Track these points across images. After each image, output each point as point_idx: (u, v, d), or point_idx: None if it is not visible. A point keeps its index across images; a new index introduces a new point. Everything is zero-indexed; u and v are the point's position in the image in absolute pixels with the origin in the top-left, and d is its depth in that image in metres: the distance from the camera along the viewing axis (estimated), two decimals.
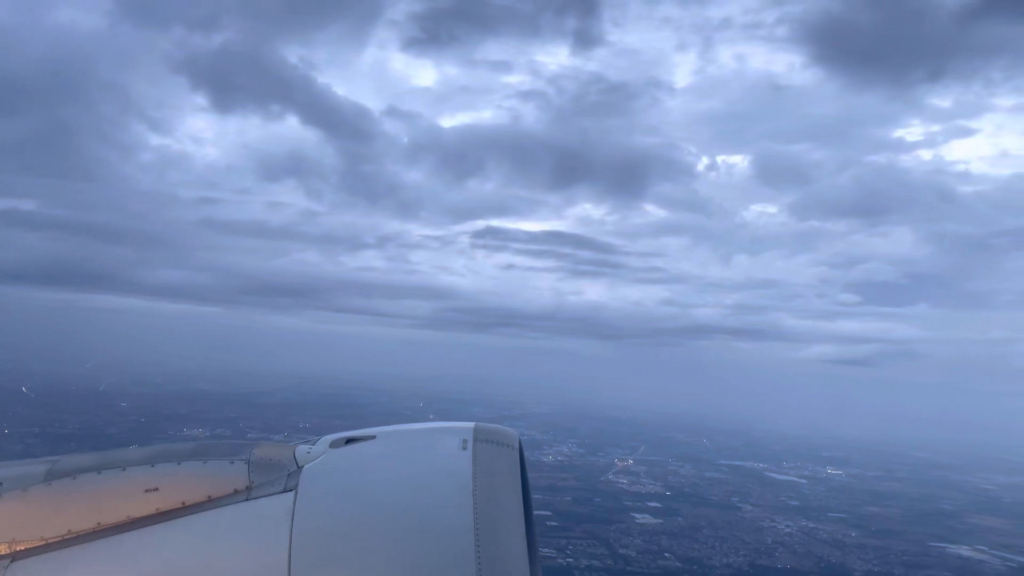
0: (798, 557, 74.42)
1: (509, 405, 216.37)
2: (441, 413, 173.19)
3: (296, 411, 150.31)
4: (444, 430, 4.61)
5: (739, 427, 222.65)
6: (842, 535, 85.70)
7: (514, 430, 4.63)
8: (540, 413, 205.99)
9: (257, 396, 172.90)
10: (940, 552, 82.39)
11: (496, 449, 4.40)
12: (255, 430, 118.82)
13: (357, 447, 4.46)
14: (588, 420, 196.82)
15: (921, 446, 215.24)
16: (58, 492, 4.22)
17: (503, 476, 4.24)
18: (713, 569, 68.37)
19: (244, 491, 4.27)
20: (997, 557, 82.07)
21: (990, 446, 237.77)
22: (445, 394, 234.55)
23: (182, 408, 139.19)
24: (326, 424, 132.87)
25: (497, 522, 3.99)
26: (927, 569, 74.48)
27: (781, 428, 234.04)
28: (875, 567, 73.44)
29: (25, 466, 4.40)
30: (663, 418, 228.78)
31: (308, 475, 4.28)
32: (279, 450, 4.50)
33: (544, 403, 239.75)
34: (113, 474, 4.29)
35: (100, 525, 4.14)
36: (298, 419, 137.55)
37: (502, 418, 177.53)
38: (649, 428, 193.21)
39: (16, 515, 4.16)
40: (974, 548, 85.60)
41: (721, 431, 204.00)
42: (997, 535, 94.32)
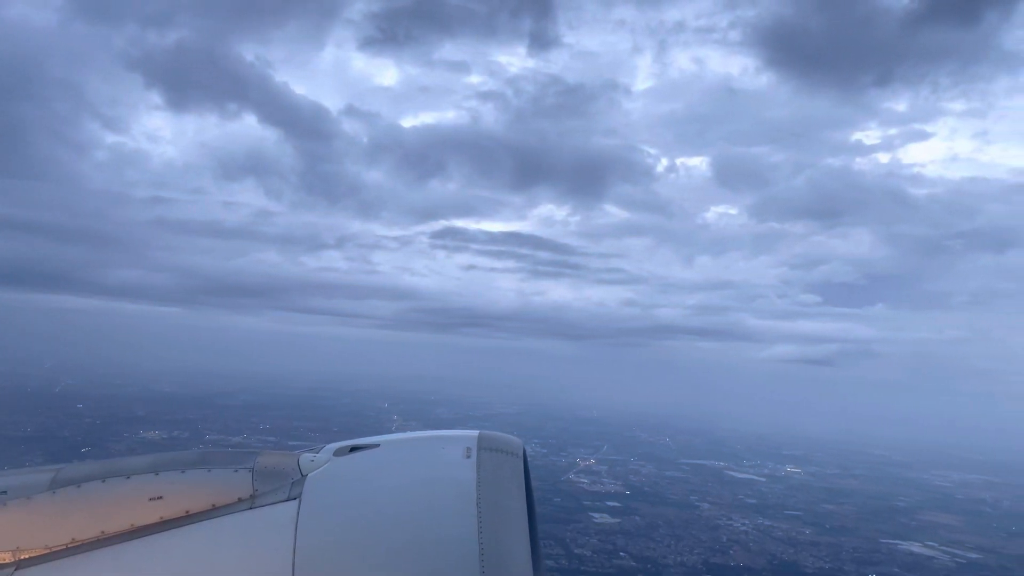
0: (752, 555, 75.29)
1: (475, 405, 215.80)
2: (406, 414, 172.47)
3: (257, 412, 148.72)
4: (448, 438, 4.57)
5: (702, 426, 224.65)
6: (796, 533, 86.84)
7: (518, 438, 4.64)
8: (506, 413, 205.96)
9: (217, 397, 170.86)
10: (891, 548, 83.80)
11: (500, 457, 4.39)
12: (214, 432, 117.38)
13: (361, 455, 4.45)
14: (553, 420, 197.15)
15: (879, 444, 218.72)
16: (62, 500, 4.22)
17: (507, 484, 4.24)
18: (667, 568, 68.92)
19: (248, 500, 4.28)
20: (946, 553, 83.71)
21: (946, 444, 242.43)
22: (410, 394, 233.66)
23: (140, 410, 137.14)
24: (287, 426, 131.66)
25: (501, 530, 3.99)
26: (877, 565, 75.72)
27: (743, 427, 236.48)
28: (826, 564, 74.52)
29: (30, 474, 4.40)
30: (628, 417, 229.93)
31: (312, 483, 4.28)
32: (283, 459, 4.51)
33: (510, 403, 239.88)
34: (117, 482, 4.29)
35: (104, 534, 4.14)
36: (259, 420, 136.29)
37: (467, 418, 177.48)
38: (614, 428, 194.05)
39: (21, 523, 4.15)
40: (924, 544, 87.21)
41: (685, 430, 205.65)
42: (948, 531, 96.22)
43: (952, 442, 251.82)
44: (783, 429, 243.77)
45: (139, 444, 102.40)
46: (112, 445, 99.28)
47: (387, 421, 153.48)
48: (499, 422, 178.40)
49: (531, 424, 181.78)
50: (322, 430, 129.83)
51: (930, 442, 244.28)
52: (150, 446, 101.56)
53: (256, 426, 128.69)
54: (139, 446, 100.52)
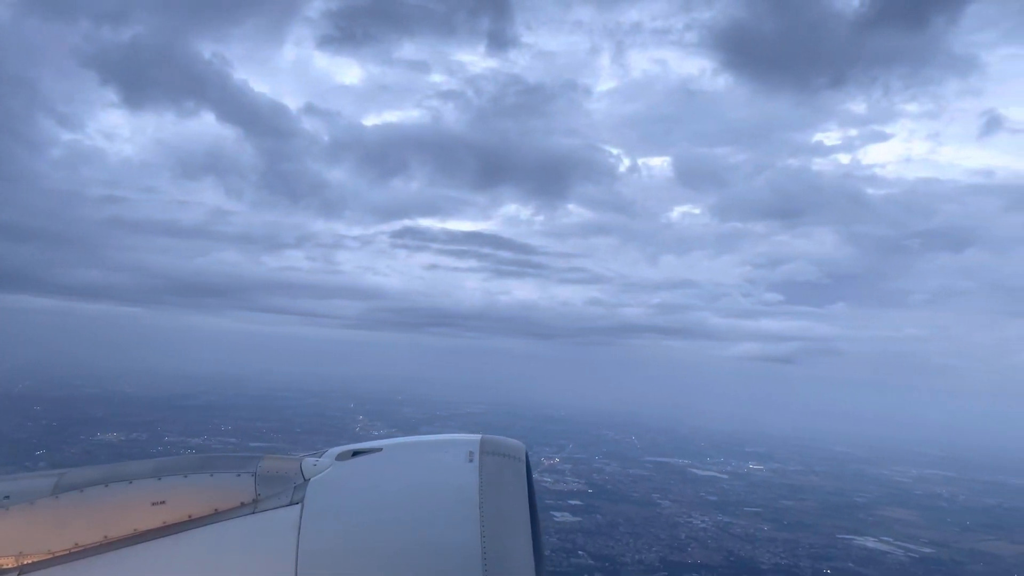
0: (709, 552, 75.98)
1: (442, 405, 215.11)
2: (372, 414, 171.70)
3: (219, 413, 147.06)
4: (450, 442, 4.53)
5: (668, 424, 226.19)
6: (755, 529, 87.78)
7: (521, 442, 4.59)
8: (473, 413, 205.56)
9: (179, 398, 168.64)
10: (847, 544, 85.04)
11: (502, 461, 4.35)
12: (173, 433, 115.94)
13: (363, 460, 4.43)
14: (520, 419, 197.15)
15: (841, 440, 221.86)
16: (65, 505, 4.20)
17: (509, 488, 4.22)
18: (624, 566, 69.28)
19: (251, 504, 4.27)
20: (900, 548, 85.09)
21: (906, 440, 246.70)
22: (377, 394, 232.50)
23: (98, 411, 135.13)
24: (249, 427, 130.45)
25: (504, 534, 3.97)
26: (832, 561, 76.77)
27: (709, 424, 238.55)
28: (782, 560, 75.46)
29: (32, 479, 4.38)
30: (595, 416, 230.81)
31: (315, 488, 4.27)
32: (286, 463, 4.49)
33: (477, 403, 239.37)
34: (120, 487, 4.28)
35: (107, 538, 4.12)
36: (221, 422, 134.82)
37: (434, 418, 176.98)
38: (580, 426, 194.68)
39: (23, 528, 4.14)
40: (879, 539, 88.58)
41: (651, 428, 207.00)
42: (903, 526, 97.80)
43: (912, 438, 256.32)
44: (747, 426, 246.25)
45: (95, 446, 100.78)
46: (68, 448, 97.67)
47: (352, 422, 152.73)
48: (466, 422, 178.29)
49: (498, 423, 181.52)
50: (285, 431, 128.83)
51: (891, 438, 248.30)
52: (107, 448, 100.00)
53: (217, 427, 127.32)
54: (95, 448, 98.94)
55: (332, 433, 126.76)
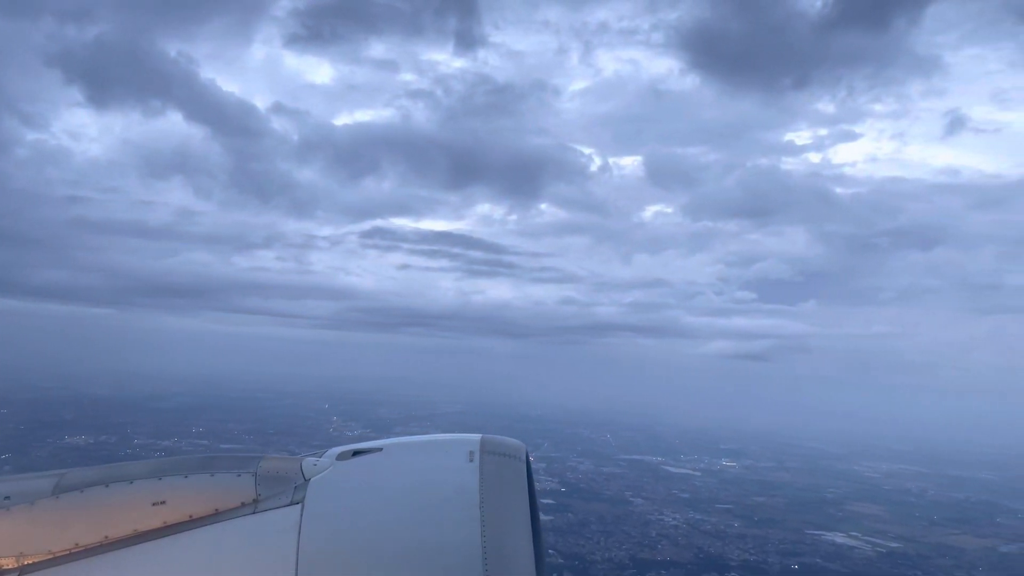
0: (679, 549, 76.41)
1: (418, 405, 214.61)
2: (347, 414, 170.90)
3: (192, 415, 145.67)
4: (451, 442, 4.55)
5: (644, 422, 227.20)
6: (725, 526, 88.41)
7: (521, 442, 4.61)
8: (449, 413, 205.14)
9: (151, 400, 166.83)
10: (815, 539, 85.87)
11: (503, 461, 4.37)
12: (144, 436, 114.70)
13: (364, 460, 4.46)
14: (496, 418, 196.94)
15: (813, 436, 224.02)
16: (65, 506, 4.24)
17: (510, 488, 4.22)
18: (594, 564, 69.52)
19: (251, 504, 4.30)
20: (868, 543, 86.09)
21: (877, 435, 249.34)
22: (352, 395, 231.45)
23: (68, 414, 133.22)
24: (221, 429, 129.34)
25: (504, 534, 3.98)
26: (800, 556, 77.51)
27: (683, 422, 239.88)
28: (751, 556, 76.05)
29: (33, 480, 4.40)
30: (570, 414, 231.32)
31: (315, 488, 4.30)
32: (286, 463, 4.52)
33: (454, 402, 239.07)
34: (120, 487, 4.31)
35: (107, 539, 4.16)
36: (192, 423, 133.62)
37: (410, 418, 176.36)
38: (556, 425, 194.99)
39: (24, 529, 4.18)
40: (848, 535, 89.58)
41: (627, 426, 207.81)
42: (872, 521, 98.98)
43: (884, 433, 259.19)
44: (721, 423, 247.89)
45: (63, 450, 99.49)
46: (35, 451, 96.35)
47: (327, 423, 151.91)
48: (442, 421, 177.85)
49: (474, 423, 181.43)
50: (258, 432, 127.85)
51: (862, 434, 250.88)
52: (74, 452, 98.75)
53: (189, 429, 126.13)
54: (63, 452, 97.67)
55: (305, 435, 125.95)
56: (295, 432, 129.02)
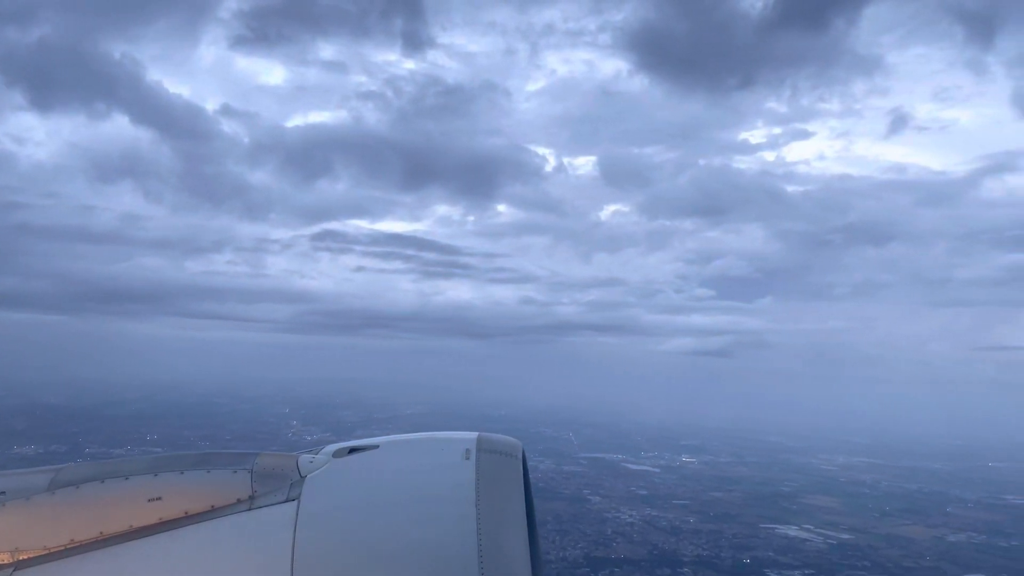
0: (634, 546, 76.79)
1: (380, 407, 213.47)
2: (308, 418, 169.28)
3: (146, 423, 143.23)
4: (447, 440, 4.58)
5: (607, 419, 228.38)
6: (680, 522, 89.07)
7: (517, 440, 4.62)
8: (411, 414, 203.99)
9: (104, 408, 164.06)
10: (769, 533, 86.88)
11: (499, 459, 4.40)
12: (95, 445, 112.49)
13: (360, 457, 4.48)
14: (460, 419, 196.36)
15: (773, 430, 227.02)
16: (61, 501, 4.24)
17: (506, 486, 4.25)
18: (548, 564, 69.34)
19: (247, 501, 4.31)
20: (820, 535, 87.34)
21: (835, 428, 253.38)
22: (313, 398, 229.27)
23: (18, 423, 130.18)
24: (176, 435, 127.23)
25: (500, 532, 4.00)
26: (753, 550, 78.33)
27: (646, 419, 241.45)
28: (704, 551, 76.70)
29: (28, 475, 4.41)
30: (534, 414, 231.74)
31: (311, 485, 4.31)
32: (282, 460, 4.54)
33: (417, 404, 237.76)
34: (116, 483, 4.31)
35: (103, 534, 4.16)
36: (147, 431, 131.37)
37: (372, 420, 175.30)
38: (519, 424, 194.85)
39: (19, 524, 4.17)
40: (801, 527, 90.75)
41: (589, 424, 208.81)
42: (825, 514, 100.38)
43: (841, 426, 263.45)
44: (682, 420, 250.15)
45: (11, 461, 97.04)
46: None
47: (286, 427, 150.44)
48: (404, 423, 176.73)
49: (436, 424, 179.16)
50: (214, 438, 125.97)
51: (821, 427, 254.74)
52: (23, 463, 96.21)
53: (143, 437, 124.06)
54: (10, 463, 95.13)
55: (264, 439, 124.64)
56: (253, 437, 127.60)
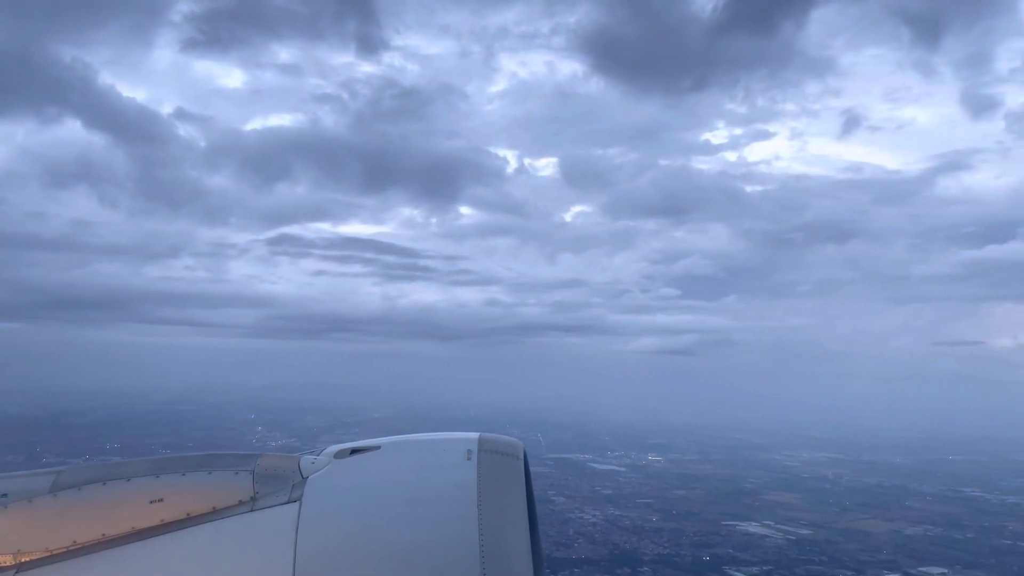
0: (595, 546, 77.06)
1: (347, 412, 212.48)
2: (273, 424, 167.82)
3: (107, 431, 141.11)
4: (449, 441, 4.59)
5: (575, 420, 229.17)
6: (643, 521, 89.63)
7: (519, 441, 4.64)
8: (378, 418, 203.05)
9: (64, 417, 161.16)
10: (729, 530, 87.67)
11: (500, 459, 4.40)
12: (53, 455, 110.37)
13: (361, 458, 4.49)
14: (427, 422, 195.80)
15: (739, 428, 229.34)
16: (63, 503, 4.26)
17: (508, 487, 4.26)
18: None
19: (249, 502, 4.33)
20: (780, 531, 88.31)
21: (800, 424, 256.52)
22: (278, 403, 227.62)
23: None
24: (138, 444, 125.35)
25: (502, 533, 4.02)
26: (713, 548, 78.98)
27: (613, 418, 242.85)
28: (665, 550, 77.22)
29: (30, 477, 4.42)
30: (502, 415, 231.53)
31: (313, 486, 4.33)
32: (284, 461, 4.55)
33: (384, 407, 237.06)
34: (118, 485, 4.33)
35: (105, 536, 4.18)
36: (107, 440, 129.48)
37: (338, 425, 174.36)
38: (487, 426, 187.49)
39: (21, 526, 4.20)
40: (762, 524, 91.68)
41: (557, 424, 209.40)
42: (786, 510, 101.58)
43: (805, 422, 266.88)
44: (649, 418, 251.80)
45: None
46: None
47: (250, 433, 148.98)
48: (371, 427, 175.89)
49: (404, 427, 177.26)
50: (175, 447, 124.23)
51: (786, 423, 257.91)
52: None
53: (103, 446, 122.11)
54: None
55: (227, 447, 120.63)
56: (216, 444, 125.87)
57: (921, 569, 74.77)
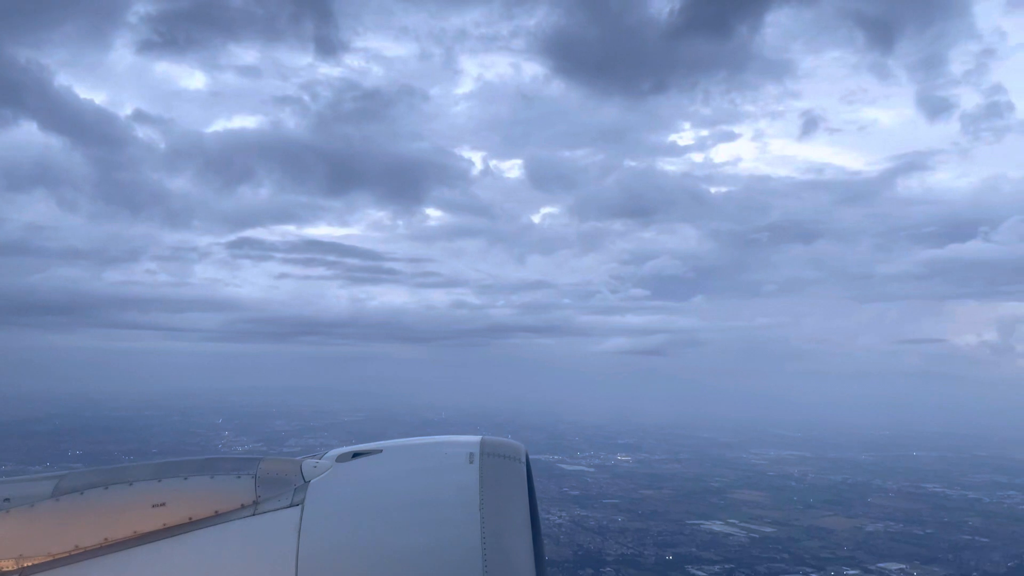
0: (559, 547, 77.20)
1: (316, 415, 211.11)
2: (241, 428, 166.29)
3: (68, 438, 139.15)
4: (451, 444, 4.58)
5: (545, 420, 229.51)
6: (609, 521, 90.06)
7: (521, 443, 4.62)
8: (349, 421, 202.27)
9: (24, 423, 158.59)
10: (694, 529, 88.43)
11: (503, 463, 4.39)
12: (12, 462, 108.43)
13: (363, 461, 4.49)
14: (398, 424, 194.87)
15: (707, 426, 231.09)
16: (65, 508, 4.27)
17: (510, 490, 4.24)
18: None
19: (251, 506, 4.31)
20: (744, 529, 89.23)
21: (768, 422, 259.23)
22: (247, 407, 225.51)
23: None
24: (100, 450, 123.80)
25: (504, 536, 4.00)
26: (676, 547, 79.59)
27: (584, 419, 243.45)
28: (629, 550, 77.64)
29: (32, 482, 4.42)
30: (474, 417, 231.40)
31: (315, 490, 4.32)
32: (286, 465, 4.54)
33: (354, 410, 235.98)
34: (120, 489, 4.33)
35: (107, 540, 4.17)
36: (69, 446, 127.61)
37: (307, 429, 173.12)
38: (458, 428, 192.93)
39: (23, 531, 4.20)
40: (726, 522, 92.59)
41: (528, 426, 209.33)
42: (751, 508, 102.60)
43: (774, 420, 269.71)
44: (620, 418, 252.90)
45: None
46: None
47: (217, 438, 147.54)
48: (341, 431, 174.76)
49: (373, 431, 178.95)
50: (139, 453, 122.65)
51: (754, 421, 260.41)
52: None
53: (64, 453, 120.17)
54: None
55: (193, 452, 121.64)
56: (181, 450, 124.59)
57: (880, 565, 75.90)
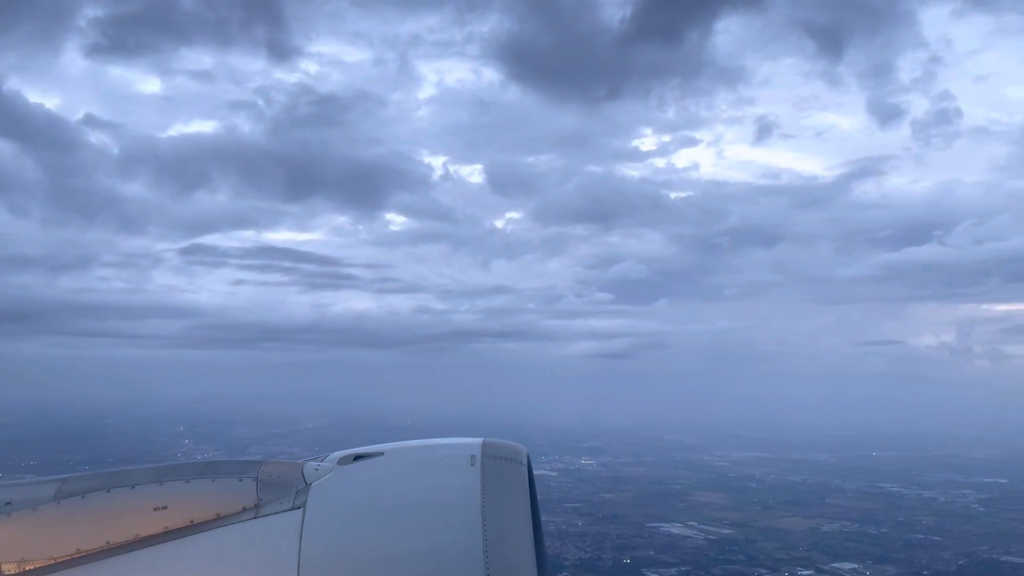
0: None
1: (279, 422, 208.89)
2: (202, 436, 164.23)
3: (24, 447, 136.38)
4: (452, 446, 4.61)
5: (511, 424, 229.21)
6: (568, 525, 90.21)
7: (523, 446, 4.64)
8: (312, 428, 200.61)
9: None
10: (652, 532, 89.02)
11: (504, 465, 4.41)
12: None
13: (365, 464, 4.51)
14: (363, 431, 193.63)
15: (672, 428, 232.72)
16: (67, 511, 4.29)
17: (511, 492, 4.27)
18: None
19: (253, 509, 4.33)
20: (702, 531, 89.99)
21: (731, 424, 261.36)
22: (208, 415, 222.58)
23: None
24: (56, 460, 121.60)
25: (506, 538, 4.02)
26: (634, 550, 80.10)
27: (550, 423, 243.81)
28: (587, 554, 77.93)
29: (34, 485, 4.46)
30: (439, 422, 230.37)
31: (316, 492, 4.35)
32: (287, 468, 4.55)
33: (318, 417, 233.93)
34: (122, 492, 4.35)
35: (109, 544, 4.20)
36: (24, 456, 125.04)
37: (270, 436, 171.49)
38: (423, 433, 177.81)
39: (25, 534, 4.22)
40: (685, 524, 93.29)
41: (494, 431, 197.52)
42: (711, 510, 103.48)
43: (737, 422, 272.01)
44: (586, 422, 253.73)
45: None
46: None
47: (177, 446, 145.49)
48: (304, 437, 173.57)
49: (337, 437, 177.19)
50: (96, 462, 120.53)
51: (718, 423, 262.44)
52: None
53: (19, 463, 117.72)
54: None
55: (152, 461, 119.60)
56: (140, 459, 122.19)
57: (834, 565, 76.96)
